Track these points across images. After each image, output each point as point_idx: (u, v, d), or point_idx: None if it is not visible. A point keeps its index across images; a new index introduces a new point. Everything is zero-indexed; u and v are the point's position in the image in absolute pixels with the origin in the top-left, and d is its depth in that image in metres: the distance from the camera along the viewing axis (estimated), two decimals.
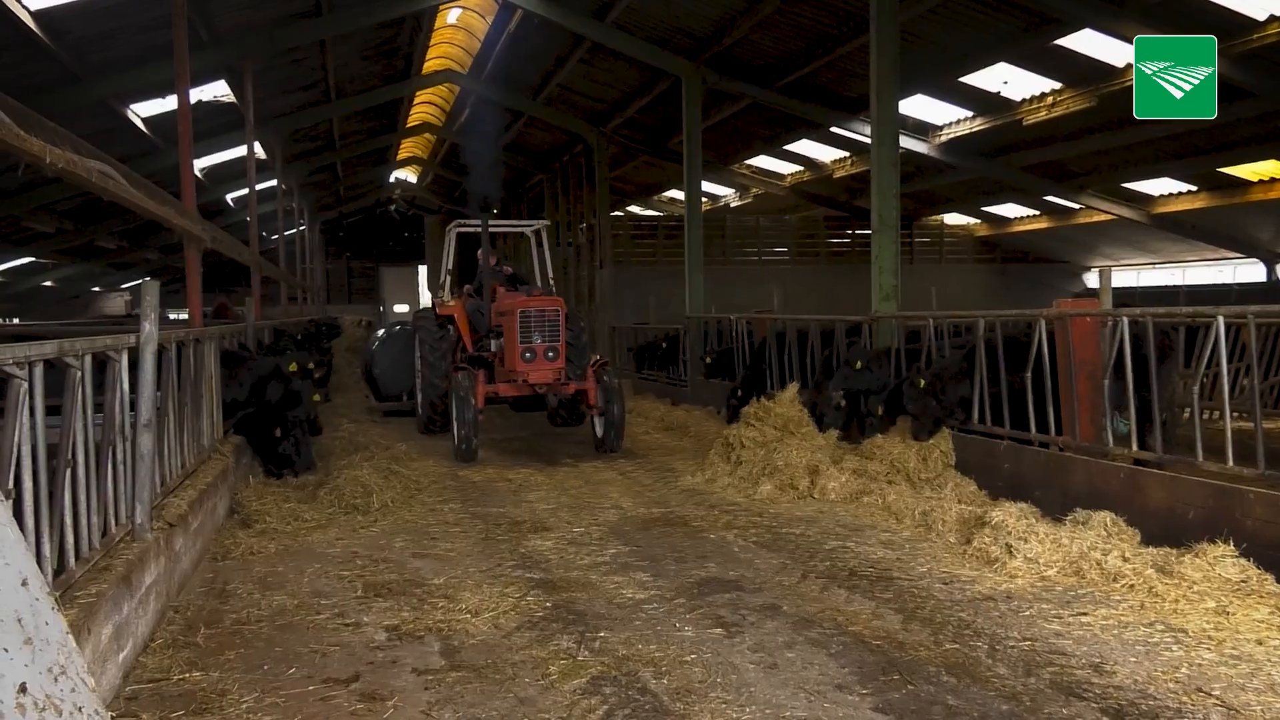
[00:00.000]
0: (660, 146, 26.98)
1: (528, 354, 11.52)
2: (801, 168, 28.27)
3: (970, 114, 20.51)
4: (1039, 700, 4.23)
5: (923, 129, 21.97)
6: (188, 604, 5.77)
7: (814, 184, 28.56)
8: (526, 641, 5.05)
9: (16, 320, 28.83)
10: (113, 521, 5.04)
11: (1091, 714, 4.08)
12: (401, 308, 54.96)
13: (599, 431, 12.08)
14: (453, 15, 23.78)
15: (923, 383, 8.98)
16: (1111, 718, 4.04)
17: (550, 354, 11.58)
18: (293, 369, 9.66)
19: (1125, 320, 7.28)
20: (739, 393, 12.96)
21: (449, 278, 14.11)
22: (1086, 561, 6.00)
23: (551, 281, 14.11)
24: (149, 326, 5.44)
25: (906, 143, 20.44)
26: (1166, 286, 28.33)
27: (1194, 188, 22.58)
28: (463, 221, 14.05)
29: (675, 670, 4.63)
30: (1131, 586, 5.65)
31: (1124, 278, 29.90)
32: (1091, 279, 31.23)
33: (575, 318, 12.99)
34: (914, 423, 9.20)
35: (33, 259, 30.32)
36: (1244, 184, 21.37)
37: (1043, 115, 18.41)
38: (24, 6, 12.41)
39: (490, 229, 13.41)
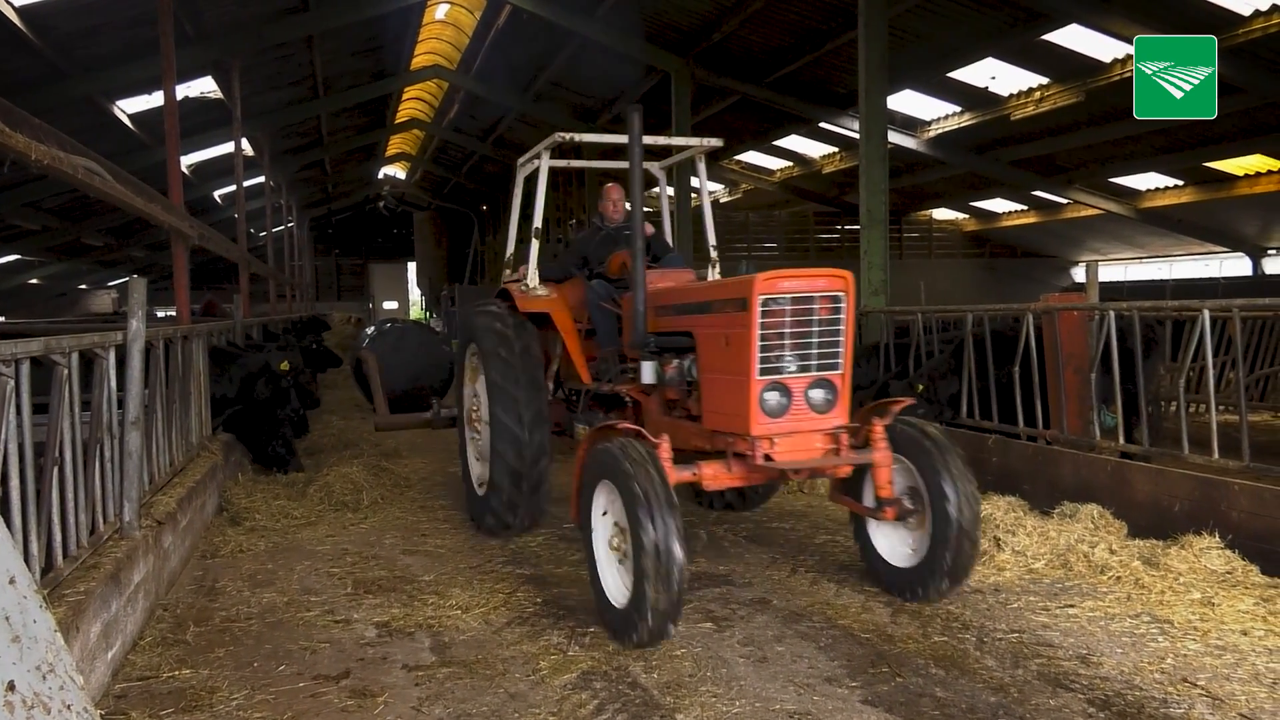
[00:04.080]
0: None
1: (772, 397, 5.17)
2: (790, 163, 28.34)
3: (958, 109, 20.59)
4: (1026, 691, 4.26)
5: (911, 124, 22.05)
6: (177, 601, 5.75)
7: (803, 179, 28.64)
8: (517, 637, 5.06)
9: (2, 318, 28.65)
10: (101, 519, 5.02)
11: (1078, 705, 4.11)
12: (390, 304, 55.00)
13: (914, 555, 5.55)
14: (440, 11, 23.74)
15: (921, 387, 8.97)
16: (1098, 708, 4.07)
17: (825, 397, 5.29)
18: (284, 368, 9.49)
19: (1112, 314, 7.32)
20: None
21: (536, 243, 7.34)
22: (1074, 554, 6.04)
23: (714, 250, 7.81)
24: (136, 324, 5.42)
25: (895, 138, 20.52)
26: (1153, 280, 28.55)
27: (1180, 182, 22.73)
28: (565, 135, 6.96)
29: (665, 664, 4.64)
30: (1118, 578, 5.69)
31: (1111, 272, 30.10)
32: (1079, 273, 31.43)
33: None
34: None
35: (18, 256, 30.20)
36: (1230, 178, 21.52)
37: (1030, 110, 18.52)
38: (8, 3, 12.34)
39: (644, 149, 6.24)
